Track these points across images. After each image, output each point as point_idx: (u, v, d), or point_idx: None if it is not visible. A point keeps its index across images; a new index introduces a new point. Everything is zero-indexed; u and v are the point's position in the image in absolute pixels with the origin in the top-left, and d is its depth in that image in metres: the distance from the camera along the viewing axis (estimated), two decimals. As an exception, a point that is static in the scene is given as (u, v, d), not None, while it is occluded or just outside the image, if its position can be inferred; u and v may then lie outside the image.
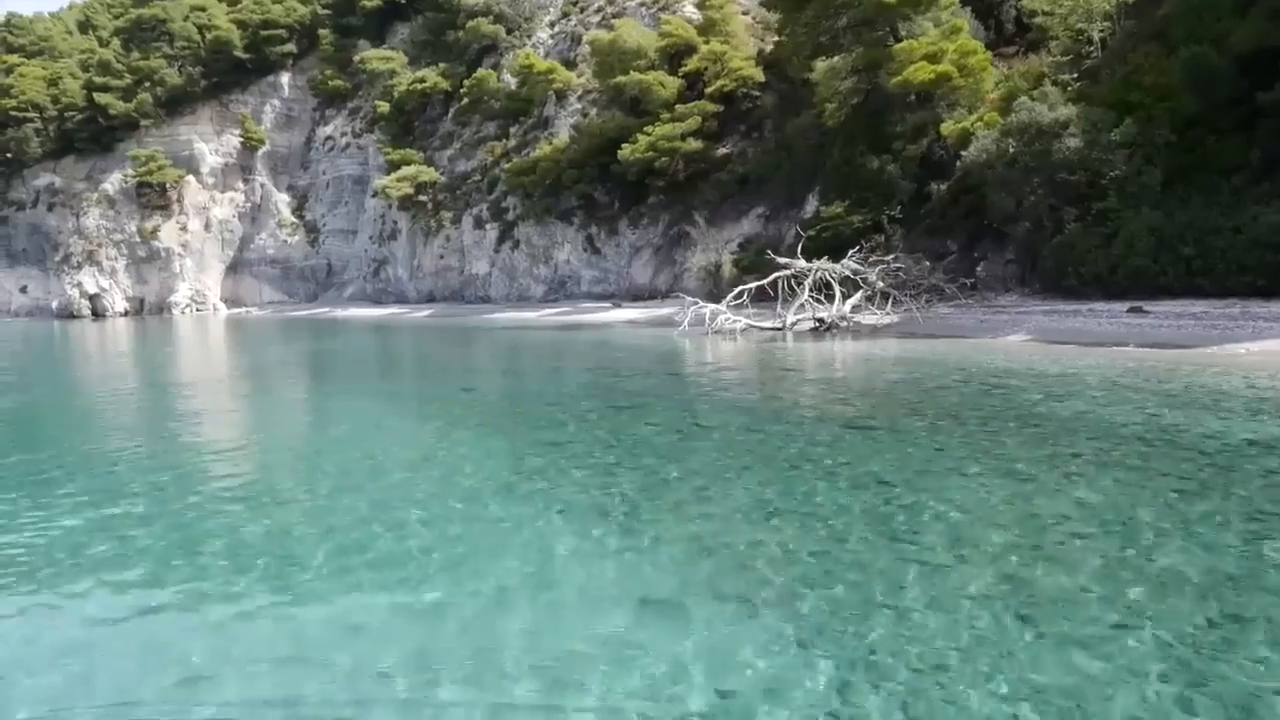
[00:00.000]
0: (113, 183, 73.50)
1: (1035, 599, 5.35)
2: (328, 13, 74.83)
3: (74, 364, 30.19)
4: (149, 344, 40.53)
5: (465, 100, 58.23)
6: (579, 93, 52.34)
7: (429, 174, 58.18)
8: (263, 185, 75.38)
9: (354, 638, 5.32)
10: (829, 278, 27.60)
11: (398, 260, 63.38)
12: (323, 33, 74.23)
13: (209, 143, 74.83)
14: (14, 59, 75.42)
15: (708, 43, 43.82)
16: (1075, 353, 17.24)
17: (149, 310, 73.44)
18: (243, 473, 10.12)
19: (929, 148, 31.56)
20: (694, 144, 40.58)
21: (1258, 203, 20.78)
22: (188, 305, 73.08)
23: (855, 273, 27.87)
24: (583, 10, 58.32)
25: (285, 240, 74.19)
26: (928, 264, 28.50)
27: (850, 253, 28.37)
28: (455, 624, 5.46)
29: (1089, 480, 7.84)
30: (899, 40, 31.39)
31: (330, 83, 72.95)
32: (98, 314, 72.20)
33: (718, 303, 29.54)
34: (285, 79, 76.39)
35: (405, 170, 57.98)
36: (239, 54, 73.82)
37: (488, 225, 54.27)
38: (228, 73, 74.62)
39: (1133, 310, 20.82)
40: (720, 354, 22.26)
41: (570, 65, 54.26)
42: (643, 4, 52.97)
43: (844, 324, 26.39)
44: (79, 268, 73.16)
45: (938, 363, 17.08)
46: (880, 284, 27.67)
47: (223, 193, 75.05)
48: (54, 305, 73.53)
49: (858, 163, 32.14)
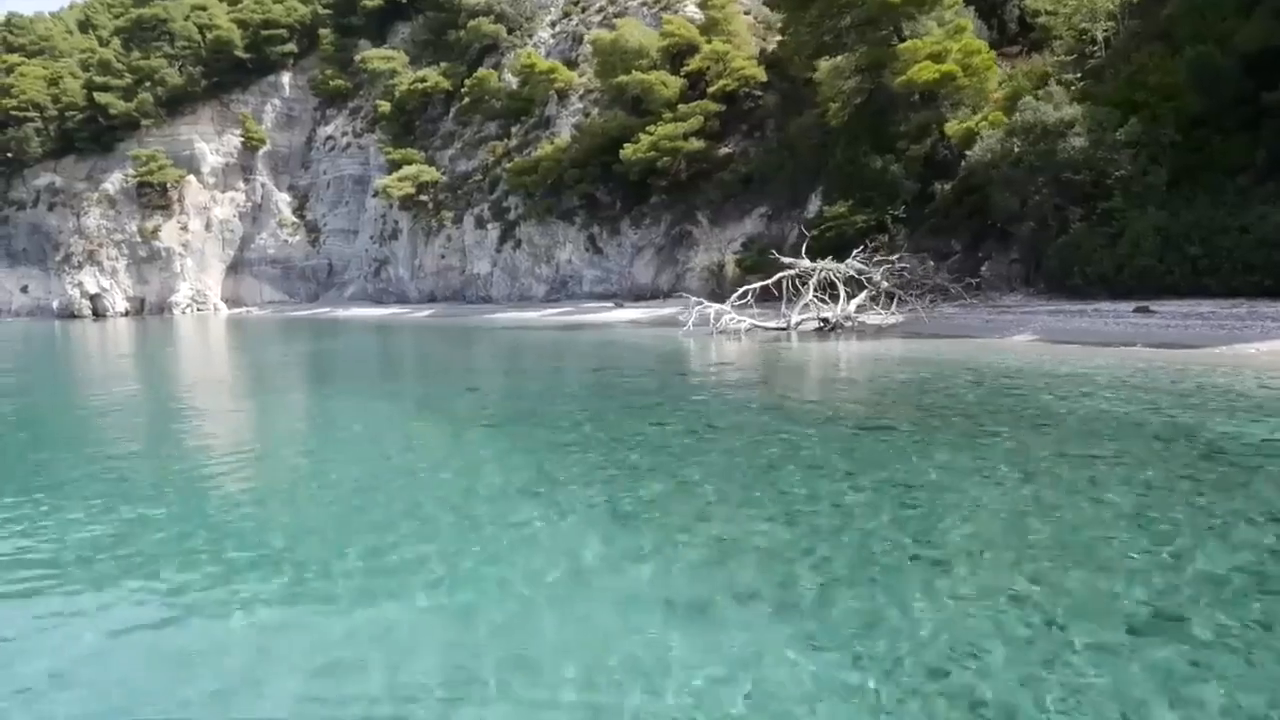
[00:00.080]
0: (113, 182, 73.47)
1: (1072, 601, 5.35)
2: (328, 12, 74.82)
3: (78, 365, 30.16)
4: (151, 344, 40.51)
5: (466, 100, 58.22)
6: (580, 92, 52.33)
7: (430, 174, 58.16)
8: (263, 185, 75.34)
9: (387, 642, 5.31)
10: (833, 277, 27.62)
11: (399, 260, 63.36)
12: (323, 32, 74.21)
13: (210, 142, 74.79)
14: (14, 58, 75.40)
15: (710, 42, 43.84)
16: (1083, 353, 17.25)
17: (149, 310, 73.40)
18: (261, 474, 10.12)
19: (933, 147, 31.57)
20: (696, 143, 40.62)
21: (1264, 202, 20.79)
22: (188, 305, 73.03)
23: (860, 272, 27.89)
24: (584, 10, 58.32)
25: (286, 240, 74.15)
26: (932, 264, 28.53)
27: (855, 252, 28.38)
28: (488, 628, 5.46)
29: (1112, 481, 7.84)
30: (903, 40, 31.41)
31: (331, 82, 72.93)
32: (98, 314, 72.16)
33: (720, 302, 29.54)
34: (286, 79, 76.38)
35: (406, 170, 57.97)
36: (240, 54, 73.83)
37: (489, 225, 54.25)
38: (228, 72, 74.63)
39: (1139, 310, 20.83)
40: (726, 354, 22.26)
41: (571, 65, 54.25)
42: (644, 3, 52.97)
43: (848, 324, 26.42)
44: (80, 268, 73.13)
45: (946, 363, 17.10)
46: (885, 284, 27.68)
47: (223, 192, 75.02)
48: (55, 305, 73.49)
49: (861, 162, 32.15)
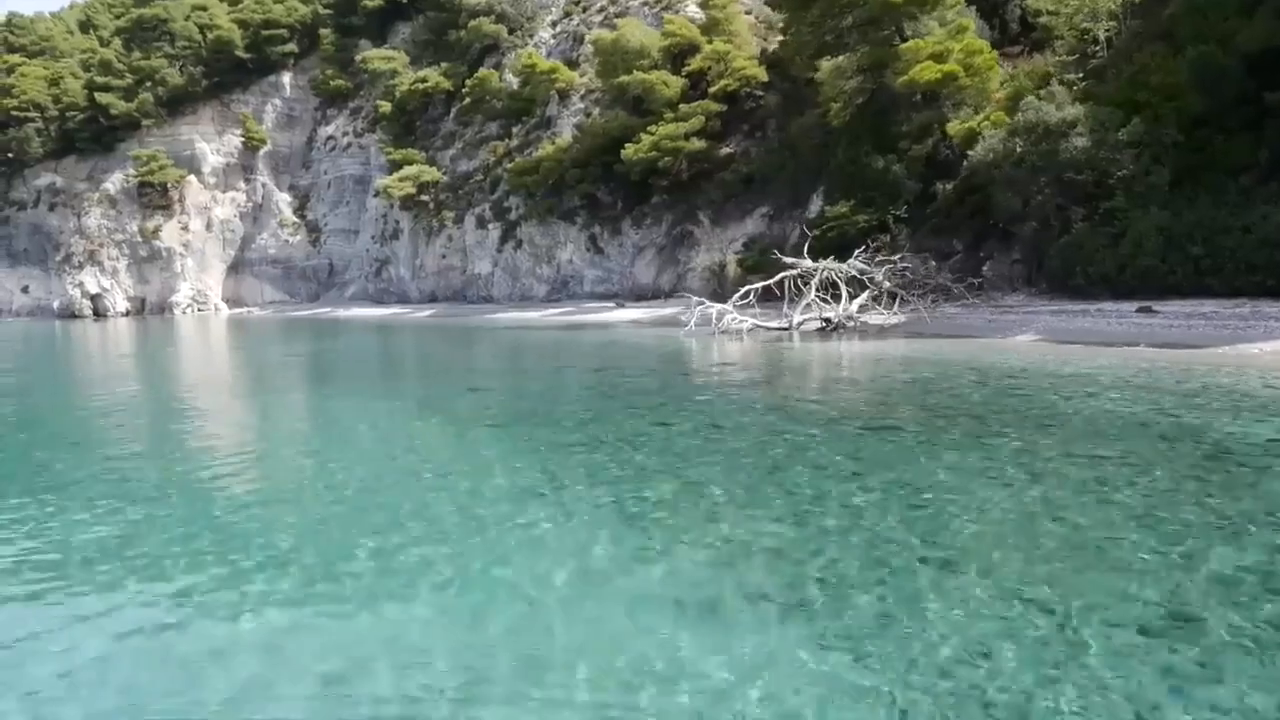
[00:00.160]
0: (114, 182, 73.45)
1: (1084, 602, 5.34)
2: (329, 12, 74.76)
3: (80, 365, 30.16)
4: (152, 345, 40.51)
5: (467, 100, 58.22)
6: (582, 92, 52.33)
7: (431, 174, 58.16)
8: (264, 185, 75.33)
9: (397, 644, 5.31)
10: (835, 277, 27.62)
11: (400, 260, 63.36)
12: (324, 32, 74.16)
13: (210, 142, 74.77)
14: (15, 59, 75.36)
15: (711, 42, 43.85)
16: (1086, 353, 17.26)
17: (150, 310, 73.40)
18: (267, 475, 10.12)
19: (934, 147, 31.60)
20: (697, 143, 40.62)
21: (1266, 202, 20.80)
22: (189, 305, 73.02)
23: (861, 272, 27.90)
24: (585, 10, 58.31)
25: (287, 240, 74.14)
26: (934, 264, 28.54)
27: (857, 252, 28.39)
28: (498, 630, 5.45)
29: (1120, 482, 7.84)
30: (904, 40, 31.41)
31: (332, 82, 72.90)
32: (99, 314, 72.16)
33: (722, 302, 29.56)
34: (287, 79, 76.36)
35: (407, 170, 57.97)
36: (240, 54, 73.80)
37: (490, 225, 54.25)
38: (229, 72, 74.60)
39: (1142, 310, 20.85)
40: (729, 354, 22.26)
41: (572, 65, 54.25)
42: (645, 3, 52.98)
43: (851, 324, 26.43)
44: (80, 268, 73.13)
45: (949, 363, 17.10)
46: (887, 284, 27.68)
47: (224, 192, 75.01)
48: (55, 305, 73.48)
49: (863, 162, 32.16)
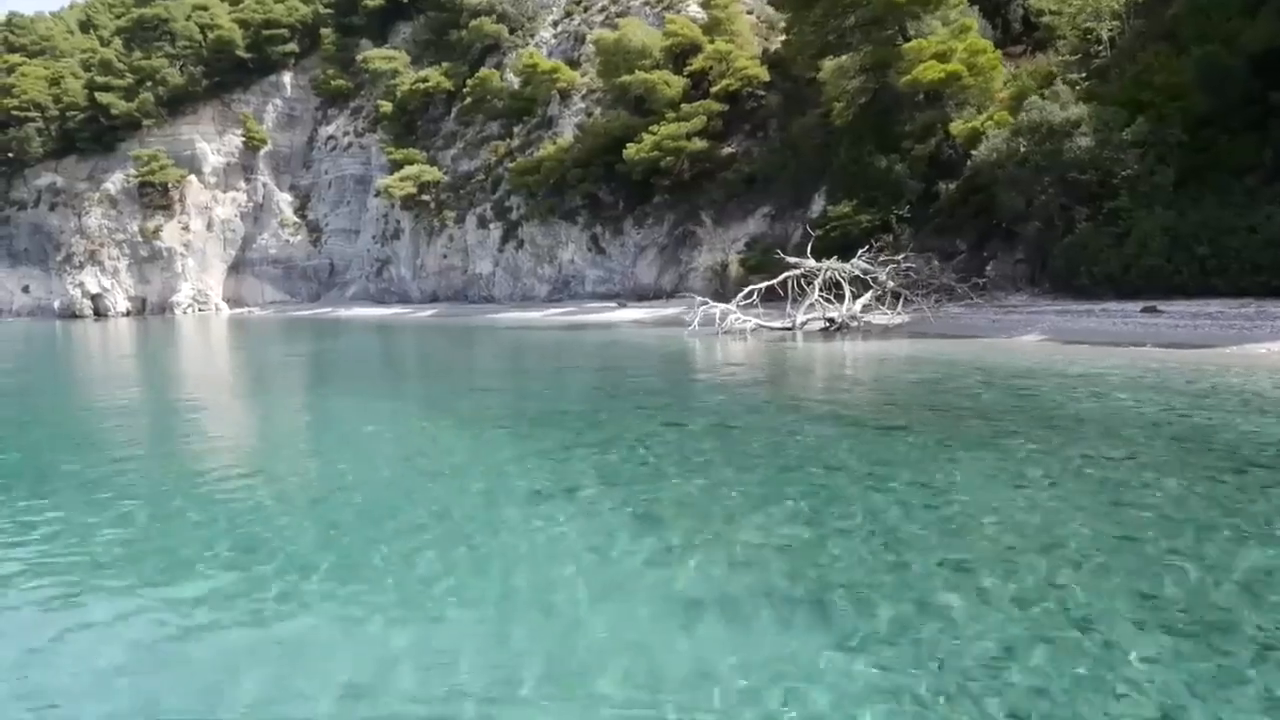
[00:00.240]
0: (114, 182, 73.36)
1: (1109, 605, 5.32)
2: (330, 12, 74.64)
3: (85, 366, 30.12)
4: (155, 345, 40.46)
5: (468, 100, 58.16)
6: (583, 92, 52.28)
7: (432, 173, 58.12)
8: (265, 185, 75.25)
9: (424, 648, 5.28)
10: (839, 277, 27.60)
11: (401, 260, 63.31)
12: (325, 32, 74.05)
13: (211, 142, 74.68)
14: (15, 58, 75.22)
15: (712, 42, 43.79)
16: (1093, 353, 17.24)
17: (151, 310, 73.30)
18: (281, 477, 10.03)
19: (937, 147, 31.59)
20: (699, 143, 40.59)
21: (1271, 202, 20.81)
22: (190, 305, 72.94)
23: (865, 272, 27.87)
24: (586, 9, 58.26)
25: (287, 240, 74.07)
26: (937, 263, 28.51)
27: (860, 252, 28.37)
28: (525, 632, 5.41)
29: (1138, 484, 7.81)
30: (907, 39, 31.38)
31: (332, 82, 72.80)
32: (100, 314, 72.08)
33: (724, 302, 29.54)
34: (287, 78, 76.25)
35: (408, 170, 57.92)
36: (241, 53, 73.66)
37: (491, 225, 54.22)
38: (230, 72, 74.47)
39: (1147, 310, 20.84)
40: (734, 354, 22.24)
41: (574, 65, 54.21)
42: (647, 3, 52.94)
43: (854, 324, 26.41)
44: (81, 268, 73.04)
45: (956, 363, 17.09)
46: (890, 284, 27.66)
47: (225, 192, 74.91)
48: (56, 305, 73.39)
49: (865, 162, 32.15)
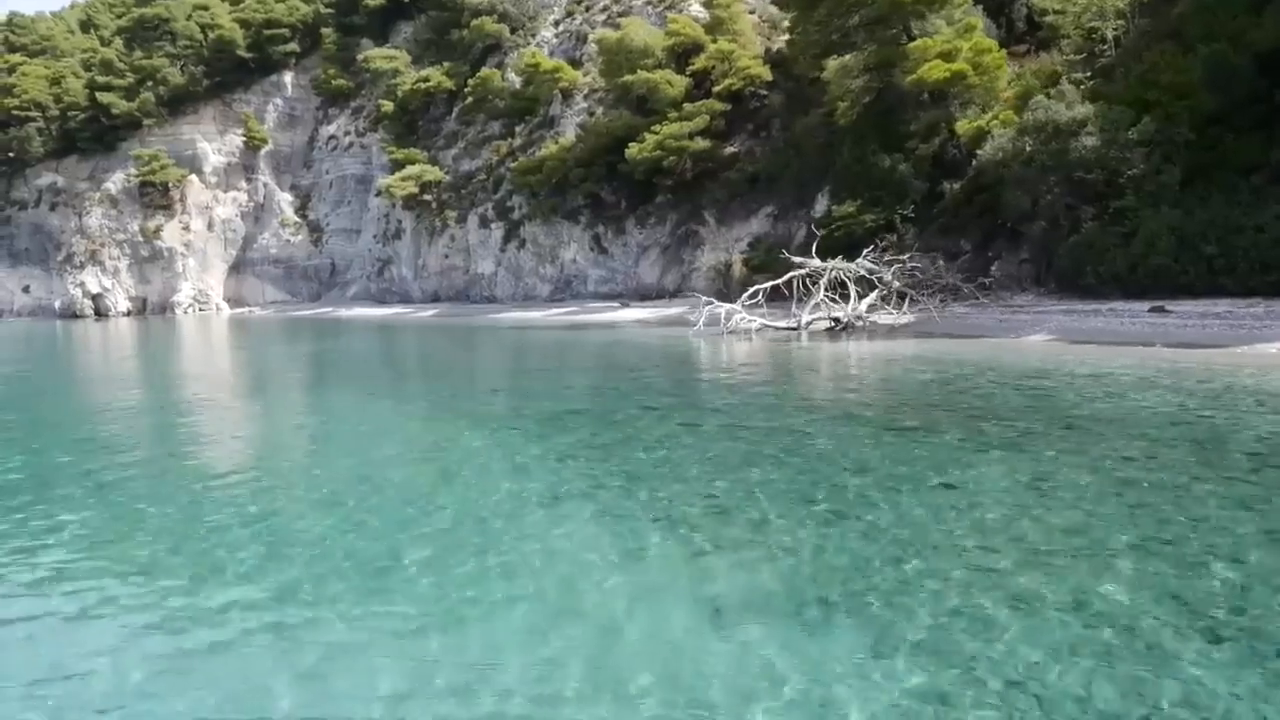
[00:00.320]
0: (115, 182, 73.29)
1: (1148, 609, 5.22)
2: (330, 12, 74.58)
3: (89, 367, 30.02)
4: (157, 345, 40.37)
5: (469, 99, 58.10)
6: (585, 92, 52.19)
7: (433, 173, 58.04)
8: (266, 185, 75.18)
9: (462, 653, 5.18)
10: (844, 277, 27.51)
11: (402, 260, 63.23)
12: (325, 32, 73.99)
13: (212, 142, 74.61)
14: (16, 58, 75.15)
15: (715, 41, 43.69)
16: (1102, 353, 17.15)
17: (151, 310, 73.23)
18: (303, 480, 9.80)
19: (942, 146, 31.51)
20: (702, 143, 40.50)
21: (1279, 201, 20.72)
22: (190, 305, 72.87)
23: (870, 272, 27.78)
24: (588, 9, 58.15)
25: (288, 240, 74.00)
26: (942, 263, 28.44)
27: (865, 252, 28.29)
28: (562, 639, 5.31)
29: (1163, 485, 7.71)
30: (912, 39, 31.28)
31: (333, 82, 72.72)
32: (100, 314, 72.02)
33: (727, 301, 29.46)
34: (288, 78, 76.17)
35: (409, 169, 57.84)
36: (242, 53, 73.61)
37: (493, 225, 54.13)
38: (230, 72, 74.41)
39: (1154, 310, 20.74)
40: (742, 354, 22.13)
41: (575, 64, 54.13)
42: (649, 3, 52.85)
43: (860, 324, 26.31)
44: (82, 267, 72.96)
45: (965, 363, 16.99)
46: (896, 283, 27.58)
47: (225, 192, 74.84)
48: (56, 305, 73.32)
49: (869, 161, 32.07)
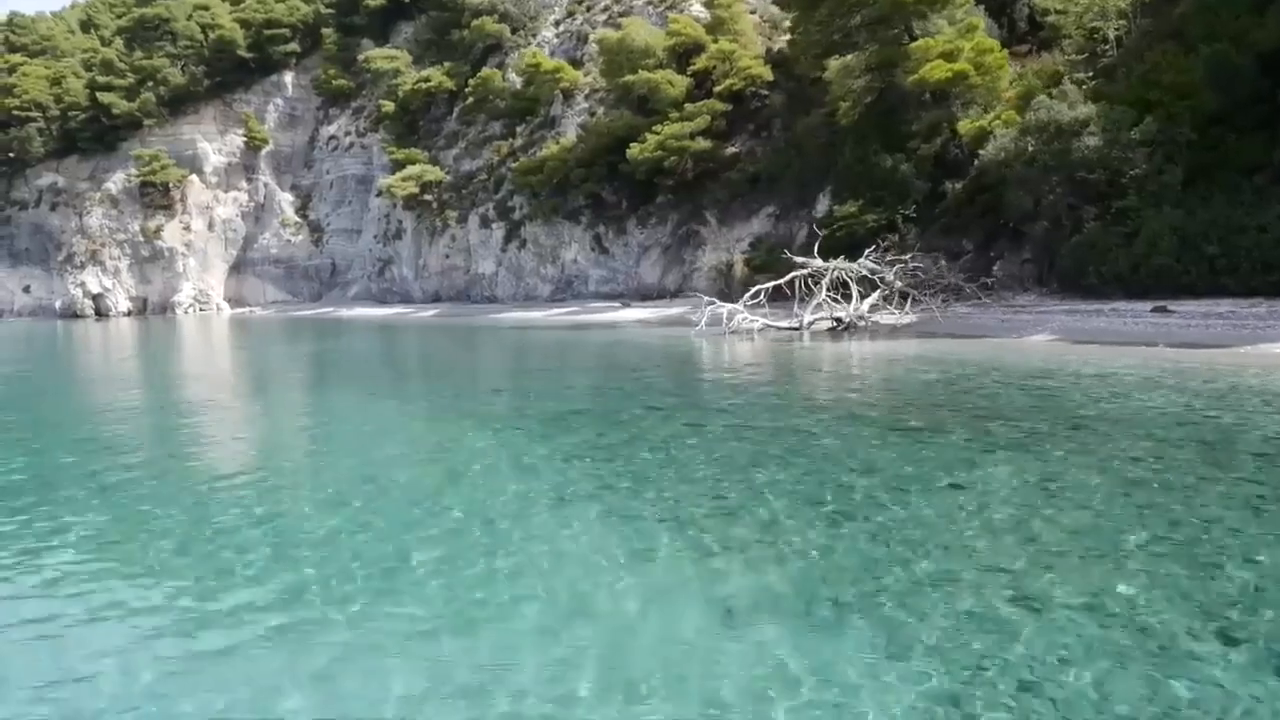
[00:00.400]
0: (116, 182, 73.23)
1: (1161, 610, 5.21)
2: (331, 12, 74.49)
3: (90, 367, 30.00)
4: (159, 345, 40.34)
5: (470, 99, 58.09)
6: (586, 92, 52.19)
7: (434, 173, 58.02)
8: (266, 185, 75.13)
9: (474, 656, 5.16)
10: (846, 277, 27.51)
11: (403, 260, 63.20)
12: (326, 32, 73.91)
13: (212, 142, 74.57)
14: (17, 58, 75.05)
15: (716, 41, 43.69)
16: (1105, 353, 17.15)
17: (152, 310, 73.17)
18: (309, 481, 9.74)
19: (943, 146, 31.50)
20: (703, 143, 40.50)
21: (1281, 201, 20.74)
22: (191, 305, 72.83)
23: (872, 272, 27.78)
24: (588, 9, 58.14)
25: (289, 240, 73.96)
26: (944, 263, 28.44)
27: (867, 252, 28.29)
28: (576, 641, 5.28)
29: (1173, 485, 7.69)
30: (914, 38, 31.29)
31: (334, 82, 72.66)
32: (101, 314, 71.97)
33: (728, 301, 29.47)
34: (289, 78, 76.12)
35: (410, 169, 57.81)
36: (242, 53, 73.54)
37: (494, 225, 54.13)
38: (231, 72, 74.35)
39: (1157, 310, 20.75)
40: (745, 354, 22.12)
41: (576, 64, 54.11)
42: (649, 3, 52.84)
43: (862, 324, 26.32)
44: (82, 267, 72.91)
45: (968, 363, 16.98)
46: (898, 283, 27.58)
47: (226, 192, 74.80)
48: (57, 305, 73.27)
49: (871, 161, 32.07)
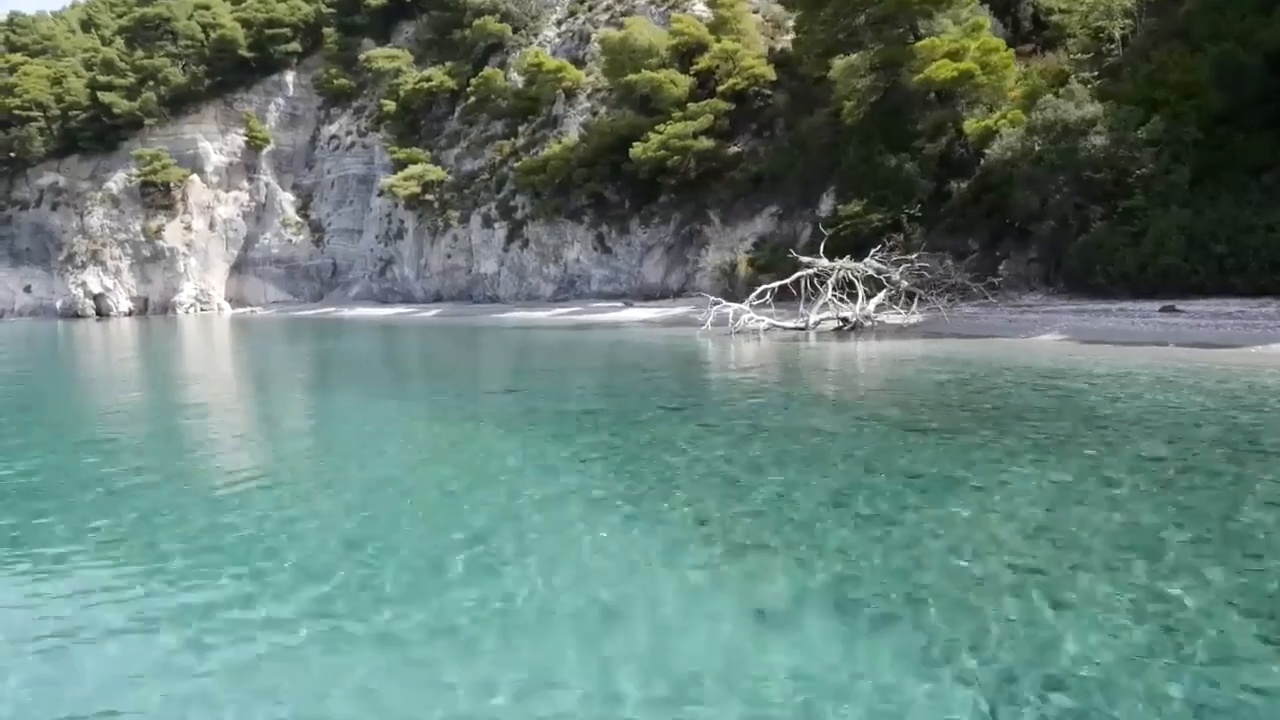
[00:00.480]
0: (117, 182, 73.17)
1: (1186, 614, 5.17)
2: (332, 11, 74.37)
3: (92, 367, 29.95)
4: (161, 345, 40.27)
5: (472, 99, 58.02)
6: (588, 91, 52.12)
7: (436, 173, 57.94)
8: (267, 184, 75.05)
9: (515, 664, 5.11)
10: (851, 277, 27.46)
11: (404, 259, 63.12)
12: (327, 31, 73.80)
13: (213, 142, 74.49)
14: (17, 58, 75.02)
15: (719, 41, 43.64)
16: (1115, 353, 17.10)
17: (153, 310, 73.09)
18: (329, 485, 9.52)
19: (948, 146, 31.44)
20: (706, 142, 40.44)
21: (1290, 201, 20.70)
22: (192, 305, 72.74)
23: (878, 271, 27.73)
24: (590, 9, 58.06)
25: (290, 240, 73.88)
26: (950, 263, 28.39)
27: (873, 251, 28.24)
28: (616, 648, 5.22)
29: (1200, 486, 7.64)
30: (919, 38, 31.23)
31: (335, 81, 72.56)
32: (102, 314, 71.91)
33: (732, 301, 29.41)
34: (290, 78, 76.04)
35: (412, 169, 57.75)
36: (243, 53, 73.44)
37: (496, 224, 54.05)
38: (232, 71, 74.26)
39: (1165, 309, 20.69)
40: (751, 354, 22.06)
41: (578, 64, 54.04)
42: (652, 2, 52.77)
43: (868, 323, 26.27)
44: (83, 267, 72.83)
45: (979, 363, 16.93)
46: (904, 283, 27.52)
47: (227, 192, 74.71)
48: (58, 305, 73.20)
49: (875, 161, 32.02)
